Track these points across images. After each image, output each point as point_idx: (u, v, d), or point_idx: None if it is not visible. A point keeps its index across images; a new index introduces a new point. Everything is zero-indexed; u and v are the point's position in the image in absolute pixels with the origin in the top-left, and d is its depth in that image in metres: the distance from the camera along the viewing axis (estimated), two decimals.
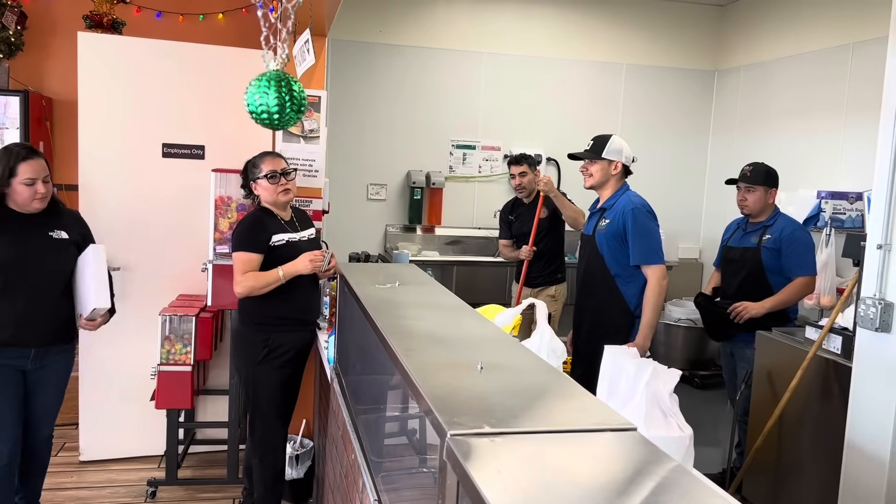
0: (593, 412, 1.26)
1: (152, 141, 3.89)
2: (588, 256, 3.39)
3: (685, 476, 1.01)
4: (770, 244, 3.62)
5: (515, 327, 2.43)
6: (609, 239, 3.25)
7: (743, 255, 3.74)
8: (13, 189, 2.77)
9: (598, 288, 3.31)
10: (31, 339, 2.85)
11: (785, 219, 3.72)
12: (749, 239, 3.74)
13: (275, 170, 3.08)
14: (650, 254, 3.21)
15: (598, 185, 3.36)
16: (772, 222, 3.69)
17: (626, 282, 3.24)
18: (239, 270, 2.97)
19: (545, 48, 6.37)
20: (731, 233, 3.92)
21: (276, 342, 3.04)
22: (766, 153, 5.90)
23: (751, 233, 3.75)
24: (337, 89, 5.87)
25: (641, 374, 1.80)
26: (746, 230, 3.79)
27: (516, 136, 6.31)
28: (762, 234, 3.68)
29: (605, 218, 3.30)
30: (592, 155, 3.32)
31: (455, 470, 1.03)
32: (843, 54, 5.19)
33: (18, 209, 2.82)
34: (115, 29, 5.48)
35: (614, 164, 3.31)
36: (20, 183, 2.76)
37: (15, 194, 2.78)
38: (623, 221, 3.21)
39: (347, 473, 2.32)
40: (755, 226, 3.74)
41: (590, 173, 3.35)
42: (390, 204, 6.23)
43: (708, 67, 6.67)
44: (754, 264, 3.67)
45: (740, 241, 3.80)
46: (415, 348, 1.55)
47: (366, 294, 2.11)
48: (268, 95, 2.95)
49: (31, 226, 2.85)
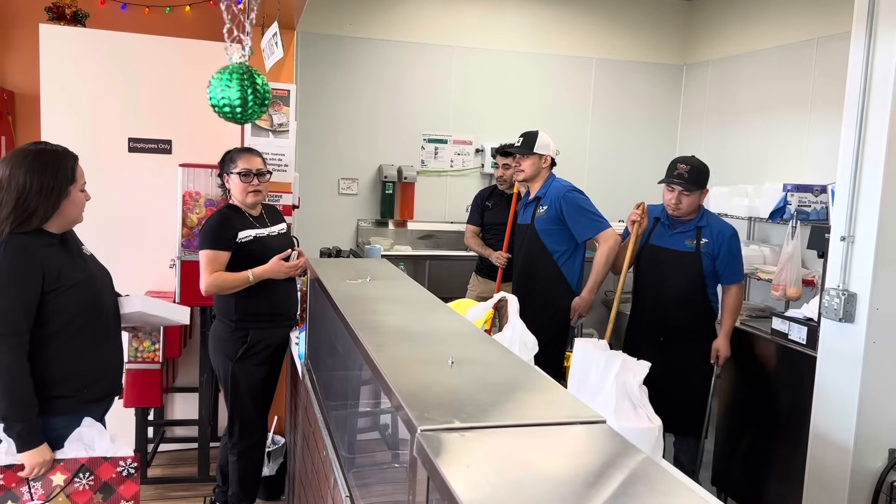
0: (563, 405, 1.27)
1: (118, 135, 3.83)
2: (528, 244, 3.57)
3: (653, 468, 1.02)
4: (709, 249, 3.29)
5: (487, 321, 2.43)
6: (548, 224, 3.51)
7: (680, 259, 3.32)
8: (71, 199, 2.15)
9: (542, 272, 3.54)
10: (118, 385, 2.39)
11: (715, 219, 3.42)
12: (682, 241, 3.35)
13: (249, 169, 3.03)
14: (595, 224, 3.49)
15: (530, 178, 3.59)
16: (705, 223, 3.34)
17: (567, 262, 3.53)
18: (206, 269, 2.93)
19: (516, 42, 6.38)
20: (651, 229, 3.46)
21: (254, 339, 3.02)
22: (734, 146, 5.99)
23: (682, 233, 3.36)
24: (306, 83, 5.81)
25: (611, 366, 1.82)
26: (675, 229, 3.38)
27: (488, 130, 6.31)
28: (697, 236, 3.32)
29: (542, 205, 3.53)
30: (525, 150, 3.53)
31: (425, 465, 1.02)
32: (807, 49, 5.27)
33: (60, 229, 2.19)
34: (79, 21, 5.37)
35: (544, 157, 3.56)
36: (80, 189, 2.21)
37: (72, 206, 2.17)
38: (558, 206, 3.47)
39: (319, 470, 2.31)
40: (686, 225, 3.36)
41: (522, 168, 3.58)
42: (362, 198, 6.19)
43: (676, 62, 6.73)
44: (695, 272, 3.29)
45: (670, 241, 3.38)
46: (386, 344, 1.54)
47: (336, 289, 2.10)
48: (230, 89, 2.92)
49: (72, 246, 2.26)
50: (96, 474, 2.17)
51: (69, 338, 2.16)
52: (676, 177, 3.32)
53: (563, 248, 3.52)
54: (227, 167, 3.07)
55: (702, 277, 3.30)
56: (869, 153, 2.51)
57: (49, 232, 2.14)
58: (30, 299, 2.06)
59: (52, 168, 2.11)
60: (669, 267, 3.35)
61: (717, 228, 3.34)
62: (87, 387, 2.22)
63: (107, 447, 2.18)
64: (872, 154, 2.50)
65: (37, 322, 2.09)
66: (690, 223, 3.35)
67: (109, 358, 2.31)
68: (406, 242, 6.09)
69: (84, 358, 2.20)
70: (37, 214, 2.08)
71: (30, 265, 2.06)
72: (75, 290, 2.15)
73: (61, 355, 2.15)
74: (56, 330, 2.13)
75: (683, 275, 3.31)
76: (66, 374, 2.17)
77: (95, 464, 2.17)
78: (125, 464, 2.21)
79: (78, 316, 2.16)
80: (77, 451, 2.16)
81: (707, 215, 3.40)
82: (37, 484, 2.10)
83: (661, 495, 0.95)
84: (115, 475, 2.19)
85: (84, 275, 2.20)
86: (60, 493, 2.13)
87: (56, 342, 2.14)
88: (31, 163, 2.10)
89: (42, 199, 2.08)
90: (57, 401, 2.15)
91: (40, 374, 2.11)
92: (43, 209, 2.08)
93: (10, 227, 2.06)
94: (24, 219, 2.07)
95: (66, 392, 2.17)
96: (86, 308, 2.18)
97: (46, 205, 2.09)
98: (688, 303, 3.32)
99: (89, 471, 2.16)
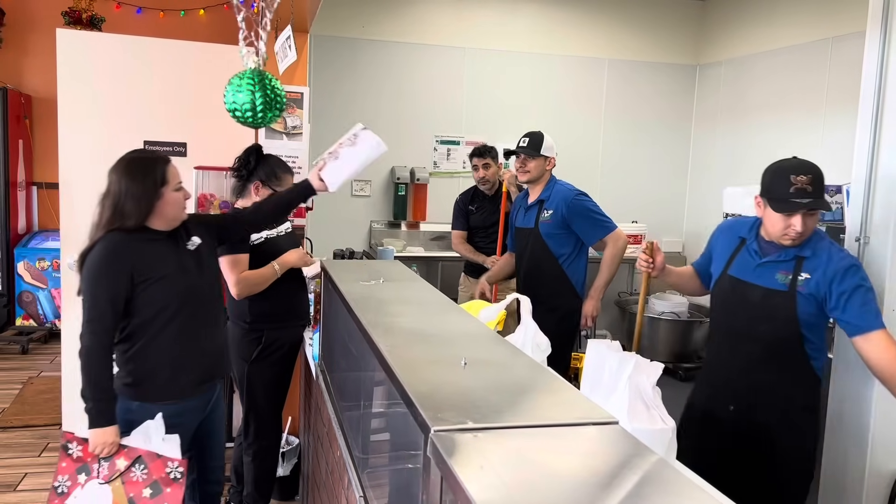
0: (576, 406, 1.27)
1: (133, 138, 3.86)
2: (532, 248, 3.49)
3: (667, 469, 1.02)
4: (811, 288, 2.31)
5: (500, 322, 2.43)
6: (554, 228, 3.42)
7: (767, 300, 2.41)
8: (164, 200, 2.28)
9: (548, 276, 3.46)
10: (218, 370, 2.55)
11: (827, 247, 2.34)
12: (772, 274, 2.42)
13: None
14: (603, 227, 3.42)
15: (534, 179, 3.52)
16: (810, 251, 2.32)
17: (571, 264, 3.46)
18: (231, 272, 2.95)
19: (528, 44, 6.38)
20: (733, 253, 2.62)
21: (268, 339, 3.05)
22: (747, 147, 5.96)
23: (774, 264, 2.39)
24: (320, 86, 5.84)
25: (624, 367, 1.82)
26: (765, 257, 2.41)
27: (500, 131, 6.32)
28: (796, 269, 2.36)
29: (546, 209, 3.46)
30: (532, 152, 3.46)
31: (439, 466, 1.03)
32: (822, 48, 5.24)
33: (164, 227, 2.34)
34: (95, 25, 5.43)
35: (549, 160, 3.50)
36: (173, 190, 2.31)
37: (166, 206, 2.29)
38: (564, 210, 3.39)
39: (333, 470, 2.32)
40: (782, 253, 2.37)
41: (527, 169, 3.49)
42: (374, 200, 6.22)
43: (689, 62, 6.70)
44: (786, 319, 2.36)
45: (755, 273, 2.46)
46: (399, 345, 1.55)
47: (350, 291, 2.11)
48: (245, 94, 2.95)
49: (179, 240, 2.41)
50: (150, 469, 2.26)
51: (160, 327, 2.30)
52: (797, 194, 2.24)
53: (568, 250, 3.47)
54: (271, 180, 3.02)
55: (796, 326, 2.33)
56: (884, 153, 2.49)
57: (153, 229, 2.31)
58: (117, 291, 2.21)
59: (141, 174, 2.26)
60: (751, 309, 2.41)
61: (826, 260, 2.27)
62: (179, 374, 2.35)
63: (158, 444, 2.27)
64: (888, 154, 2.48)
65: (128, 312, 2.26)
66: (789, 250, 2.34)
67: (204, 346, 2.41)
68: (418, 244, 6.11)
69: (175, 347, 2.33)
70: (131, 216, 2.24)
71: (119, 259, 2.23)
72: (165, 282, 2.29)
73: (152, 344, 2.30)
74: (146, 320, 2.28)
75: (771, 321, 2.37)
76: (158, 362, 2.31)
77: (150, 458, 2.26)
78: (172, 466, 2.27)
79: (167, 307, 2.30)
80: (139, 441, 2.27)
81: (815, 240, 2.32)
82: (105, 464, 2.24)
83: (675, 496, 0.95)
84: (164, 475, 2.26)
85: (177, 268, 2.33)
86: (119, 477, 2.25)
87: (146, 331, 2.29)
88: (124, 169, 2.27)
89: (135, 202, 2.24)
90: (148, 387, 2.31)
91: (132, 362, 2.29)
92: (136, 211, 2.25)
93: (109, 227, 2.25)
94: (121, 220, 2.25)
95: (158, 379, 2.32)
96: (176, 299, 2.31)
97: (139, 207, 2.25)
98: (773, 359, 2.40)
99: (144, 464, 2.26)
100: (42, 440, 4.05)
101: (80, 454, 2.25)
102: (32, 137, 6.00)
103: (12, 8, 5.77)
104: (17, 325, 5.89)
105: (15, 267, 5.82)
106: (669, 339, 5.81)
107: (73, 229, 3.74)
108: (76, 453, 2.25)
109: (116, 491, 2.24)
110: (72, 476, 2.24)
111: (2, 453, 3.90)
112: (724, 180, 6.03)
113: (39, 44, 5.75)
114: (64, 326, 3.79)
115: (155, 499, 2.25)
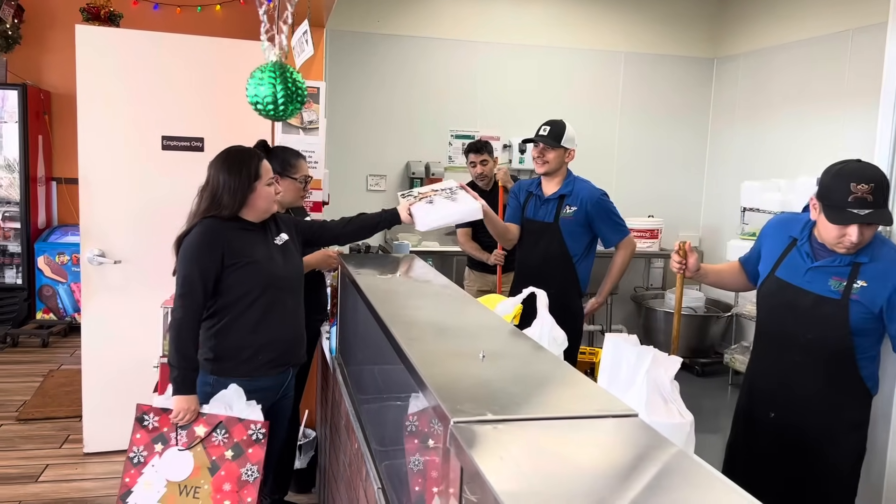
0: (595, 399, 1.27)
1: (152, 133, 3.89)
2: (547, 243, 3.35)
3: (687, 461, 1.02)
4: (867, 296, 2.21)
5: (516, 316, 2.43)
6: (575, 226, 3.33)
7: (817, 308, 2.30)
8: (257, 193, 2.46)
9: (559, 274, 3.34)
10: (293, 357, 2.66)
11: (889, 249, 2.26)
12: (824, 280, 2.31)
13: (308, 176, 3.12)
14: (621, 231, 3.41)
15: (552, 171, 3.37)
16: (867, 257, 2.21)
17: (581, 264, 3.40)
18: None
19: (543, 37, 6.36)
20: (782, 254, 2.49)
21: None
22: (766, 141, 5.91)
23: (826, 269, 2.28)
24: (335, 80, 5.86)
25: (642, 361, 1.81)
26: (817, 261, 2.31)
27: (515, 125, 6.30)
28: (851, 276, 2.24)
29: (568, 206, 3.33)
30: (552, 142, 3.30)
31: (459, 456, 1.04)
32: (842, 40, 5.18)
33: (256, 218, 2.51)
34: (113, 21, 5.46)
35: (569, 152, 3.36)
36: (265, 184, 2.48)
37: (258, 199, 2.47)
38: (589, 208, 3.31)
39: (351, 462, 2.33)
40: (836, 258, 2.24)
41: (546, 160, 3.33)
42: (390, 195, 6.22)
43: (707, 55, 6.65)
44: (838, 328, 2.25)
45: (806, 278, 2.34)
46: (417, 338, 1.56)
47: (367, 285, 2.12)
48: (267, 86, 2.97)
49: (268, 233, 2.58)
50: (230, 433, 2.39)
51: (243, 309, 2.46)
52: (856, 204, 2.07)
53: (582, 249, 3.41)
54: (287, 170, 2.99)
55: (847, 336, 2.19)
56: None
57: (245, 219, 2.49)
58: (209, 270, 2.39)
59: (237, 168, 2.45)
60: (800, 316, 2.28)
61: (889, 267, 2.15)
62: (256, 354, 2.50)
63: (242, 409, 2.41)
64: None
65: (216, 292, 2.43)
66: (844, 255, 2.19)
67: (281, 332, 2.56)
68: (433, 238, 6.11)
69: (255, 329, 2.48)
70: (226, 206, 2.43)
71: (213, 242, 2.40)
72: (251, 268, 2.45)
73: (234, 324, 2.47)
74: (231, 301, 2.45)
75: (821, 330, 2.23)
76: (238, 341, 2.47)
77: (231, 423, 2.39)
78: (255, 427, 2.40)
79: (251, 291, 2.46)
80: (218, 409, 2.42)
81: (876, 245, 2.18)
82: (183, 432, 2.38)
83: (696, 488, 0.95)
84: (246, 437, 2.39)
85: (264, 256, 2.49)
86: (200, 443, 2.38)
87: (230, 311, 2.46)
88: (222, 164, 2.47)
89: (231, 194, 2.43)
90: (226, 363, 2.48)
91: (214, 338, 2.47)
92: (230, 202, 2.43)
93: (205, 215, 2.44)
94: (217, 209, 2.44)
95: (237, 356, 2.48)
96: (260, 284, 2.47)
97: (234, 199, 2.43)
98: (821, 370, 2.27)
99: (225, 429, 2.39)
100: (63, 432, 4.10)
101: (156, 425, 2.38)
102: (52, 133, 6.06)
103: (32, 5, 5.83)
104: (37, 319, 5.95)
105: (35, 261, 5.88)
106: (686, 334, 5.78)
107: (93, 224, 3.78)
108: (152, 424, 2.39)
109: (198, 456, 2.37)
110: (147, 446, 2.37)
111: (23, 445, 3.96)
112: (741, 174, 5.99)
113: (58, 40, 5.80)
114: (84, 320, 3.83)
115: (237, 460, 2.38)
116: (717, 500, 0.92)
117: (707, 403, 5.12)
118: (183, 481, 2.36)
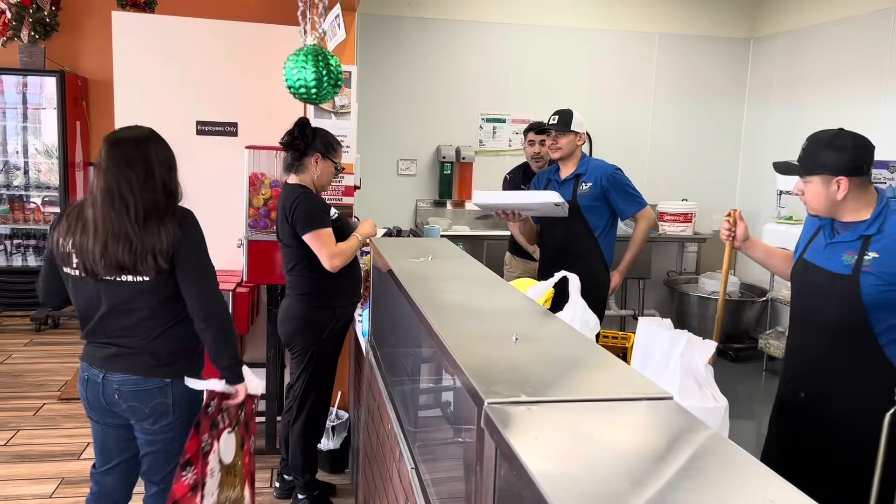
0: (629, 382, 1.27)
1: (186, 118, 3.94)
2: (570, 221, 3.50)
3: (723, 443, 1.02)
4: (880, 267, 2.21)
5: (547, 300, 2.43)
6: (592, 200, 3.53)
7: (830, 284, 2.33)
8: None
9: (582, 248, 3.55)
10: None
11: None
12: (838, 256, 2.36)
13: (342, 165, 3.24)
14: (637, 203, 3.58)
15: (566, 156, 3.60)
16: (877, 228, 2.23)
17: (605, 239, 3.58)
18: (328, 245, 2.99)
19: (575, 18, 6.28)
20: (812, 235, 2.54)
21: (339, 316, 3.15)
22: (803, 122, 5.78)
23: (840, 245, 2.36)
24: (367, 64, 5.86)
25: (675, 345, 1.81)
26: (834, 237, 2.37)
27: (547, 108, 6.20)
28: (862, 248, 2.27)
29: (584, 182, 3.56)
30: (563, 128, 3.55)
31: (493, 437, 1.05)
32: (883, 19, 5.04)
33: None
34: (148, 7, 5.53)
35: (580, 135, 3.60)
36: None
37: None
38: (604, 182, 3.52)
39: (384, 443, 2.36)
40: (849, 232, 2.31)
41: (559, 146, 3.58)
42: (420, 179, 6.23)
43: (743, 35, 6.52)
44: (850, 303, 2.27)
45: (824, 256, 2.41)
46: (450, 320, 1.56)
47: (400, 268, 2.13)
48: (306, 70, 3.00)
49: None
50: (247, 410, 2.50)
51: None
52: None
53: (603, 223, 3.59)
54: (326, 151, 3.11)
55: (860, 310, 2.16)
56: None
57: None
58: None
59: None
60: (816, 294, 2.31)
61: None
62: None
63: (256, 384, 2.46)
64: None
65: None
66: (855, 227, 2.22)
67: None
68: (464, 222, 6.11)
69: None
70: None
71: None
72: None
73: None
74: None
75: (836, 306, 2.22)
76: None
77: (249, 399, 2.47)
78: (256, 402, 2.55)
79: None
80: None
81: (884, 215, 2.20)
82: (224, 413, 2.42)
83: (731, 469, 0.95)
84: (252, 409, 2.53)
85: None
86: (237, 423, 2.47)
87: None
88: None
89: None
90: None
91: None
92: None
93: None
94: None
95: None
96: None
97: None
98: (843, 347, 2.24)
99: (244, 407, 2.47)
100: None
101: (212, 410, 2.37)
102: (89, 119, 6.17)
103: None
104: None
105: None
106: None
107: None
108: (211, 410, 2.36)
109: (236, 435, 2.47)
110: (210, 434, 2.38)
111: (66, 423, 4.07)
112: (777, 156, 5.82)
113: (95, 27, 5.89)
114: None
115: (248, 432, 2.54)
116: (752, 482, 0.92)
117: (741, 389, 5.07)
118: (231, 462, 2.44)
